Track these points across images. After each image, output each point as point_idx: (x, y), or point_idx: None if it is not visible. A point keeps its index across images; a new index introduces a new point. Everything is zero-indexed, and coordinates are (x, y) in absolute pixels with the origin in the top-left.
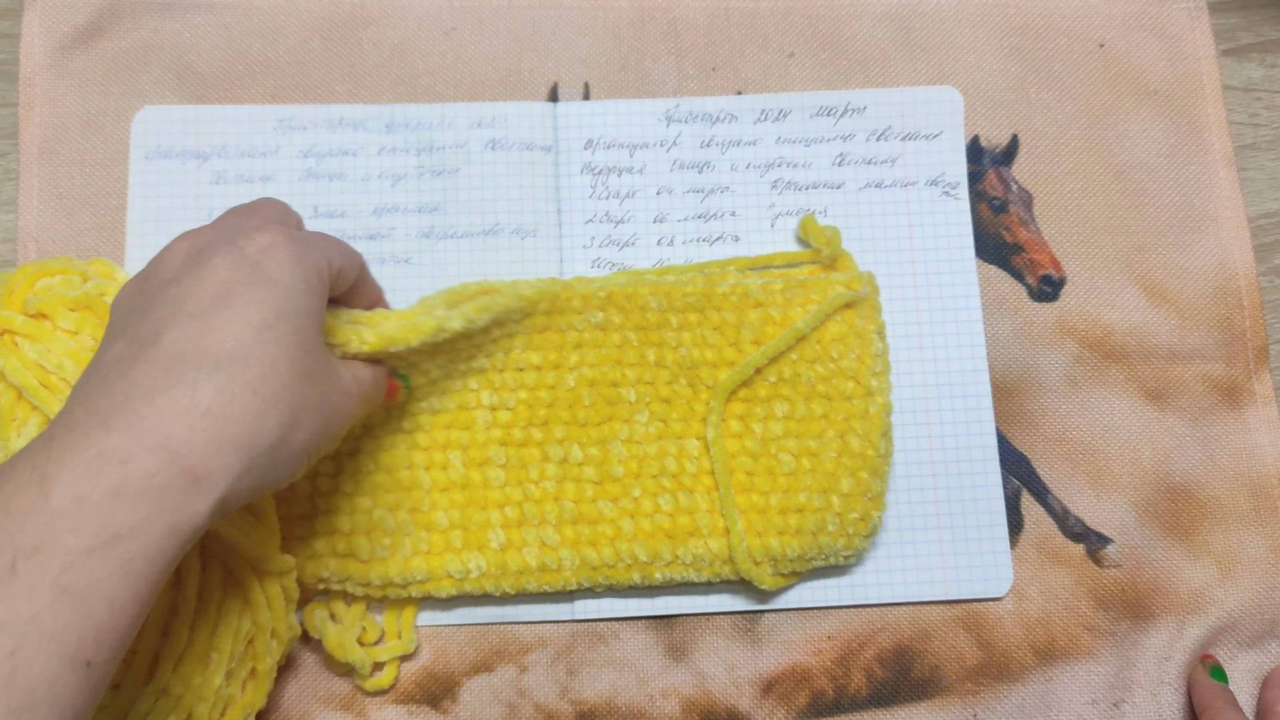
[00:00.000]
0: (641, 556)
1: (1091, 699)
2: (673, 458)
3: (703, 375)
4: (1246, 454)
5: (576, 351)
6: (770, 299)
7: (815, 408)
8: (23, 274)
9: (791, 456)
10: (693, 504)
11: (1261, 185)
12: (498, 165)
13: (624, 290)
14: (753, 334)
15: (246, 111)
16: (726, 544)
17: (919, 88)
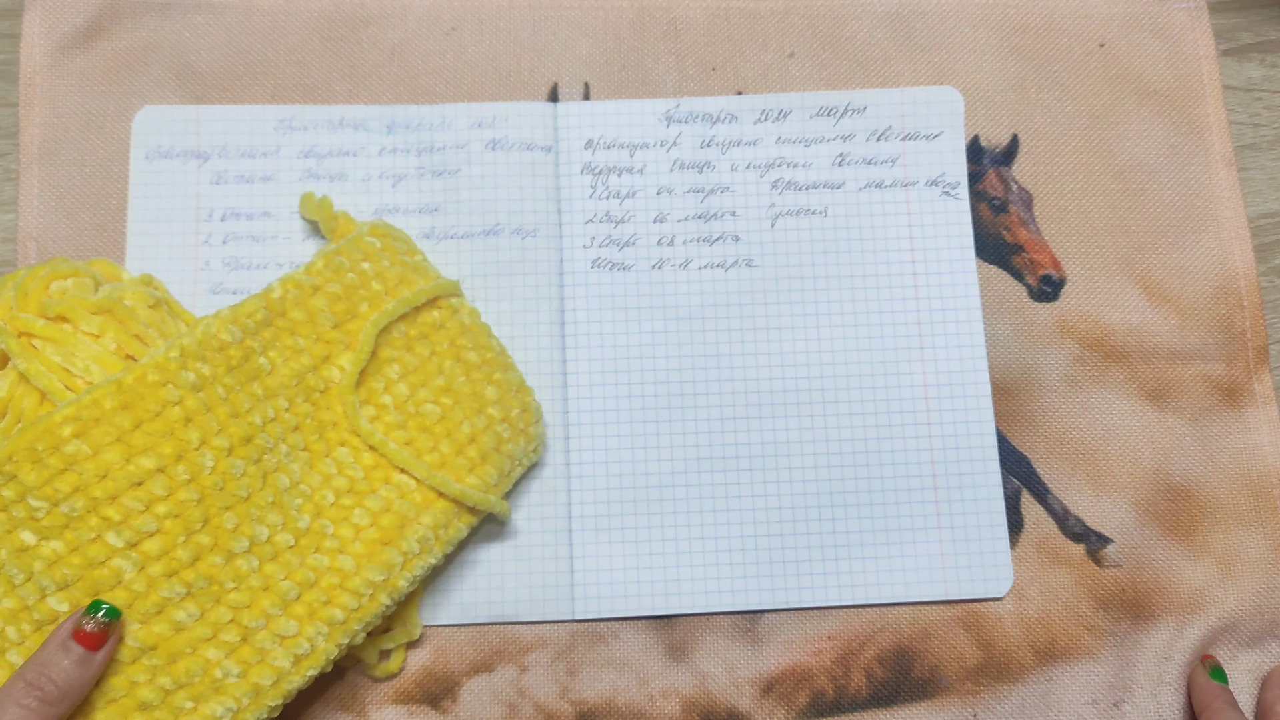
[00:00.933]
0: (378, 577)
1: (1091, 699)
2: (337, 475)
3: (309, 382)
4: (1246, 454)
5: (189, 429)
6: (322, 278)
7: (419, 350)
8: (34, 276)
9: (431, 404)
10: (384, 502)
11: (1261, 185)
12: (498, 166)
13: (189, 341)
14: (329, 320)
15: (247, 112)
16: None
17: (919, 88)
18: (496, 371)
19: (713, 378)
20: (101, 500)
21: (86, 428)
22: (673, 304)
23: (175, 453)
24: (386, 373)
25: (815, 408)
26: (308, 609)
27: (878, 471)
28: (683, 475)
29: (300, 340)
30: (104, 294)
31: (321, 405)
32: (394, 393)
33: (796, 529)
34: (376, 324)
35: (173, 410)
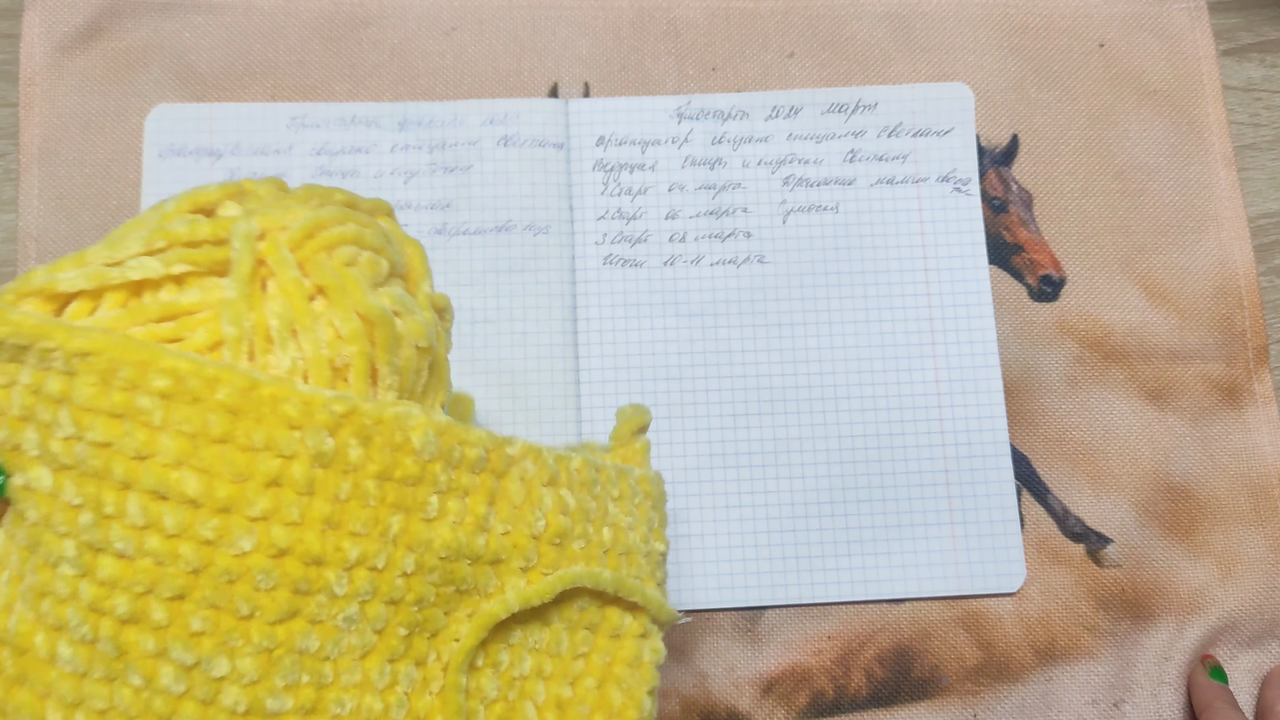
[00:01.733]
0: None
1: (1091, 699)
2: (377, 696)
3: (458, 573)
4: (1246, 454)
5: (270, 493)
6: (566, 478)
7: (577, 640)
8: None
9: (535, 707)
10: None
11: (1261, 185)
12: (510, 162)
13: (377, 412)
14: (538, 525)
15: (259, 109)
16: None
17: (930, 84)
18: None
19: (724, 374)
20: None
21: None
22: (684, 300)
23: (225, 499)
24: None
25: (827, 403)
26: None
27: (890, 467)
28: (695, 471)
29: (494, 516)
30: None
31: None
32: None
33: (809, 524)
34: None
35: (269, 464)
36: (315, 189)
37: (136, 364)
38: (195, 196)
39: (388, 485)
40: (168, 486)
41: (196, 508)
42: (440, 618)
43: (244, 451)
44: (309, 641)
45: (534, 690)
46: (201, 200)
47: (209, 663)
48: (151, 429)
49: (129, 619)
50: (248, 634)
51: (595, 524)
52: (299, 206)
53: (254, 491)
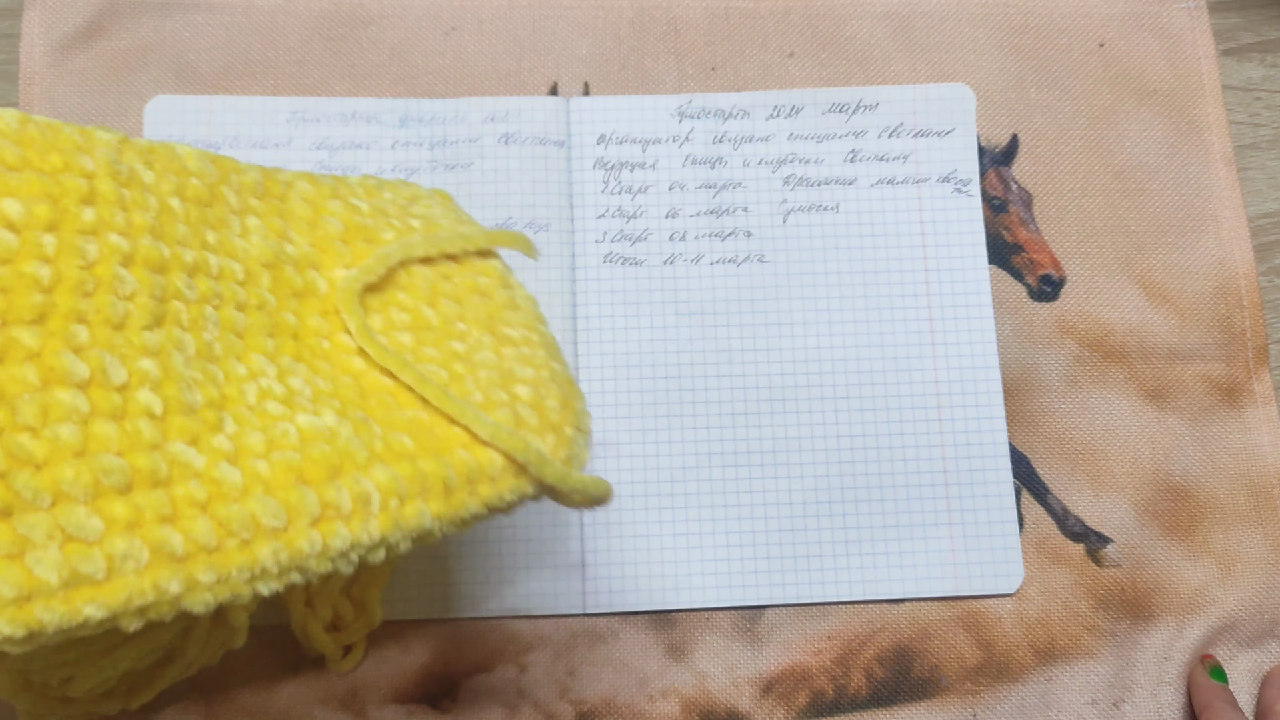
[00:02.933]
0: (269, 520)
1: (1091, 699)
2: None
3: (286, 277)
4: (1246, 454)
5: (89, 207)
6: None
7: (446, 311)
8: None
9: (437, 366)
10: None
11: (1261, 185)
12: (510, 160)
13: (146, 143)
14: (337, 228)
15: (259, 103)
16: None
17: (931, 85)
18: (542, 350)
19: (724, 373)
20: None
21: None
22: (684, 299)
23: (48, 216)
24: (392, 316)
25: (826, 403)
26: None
27: (889, 467)
28: (694, 470)
29: (291, 230)
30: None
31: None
32: (392, 338)
33: (808, 524)
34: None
35: (75, 181)
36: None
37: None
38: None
39: (188, 204)
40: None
41: (27, 230)
42: (290, 320)
43: (49, 175)
44: (186, 341)
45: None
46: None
47: (104, 372)
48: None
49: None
50: (129, 341)
51: (400, 218)
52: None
53: (74, 206)
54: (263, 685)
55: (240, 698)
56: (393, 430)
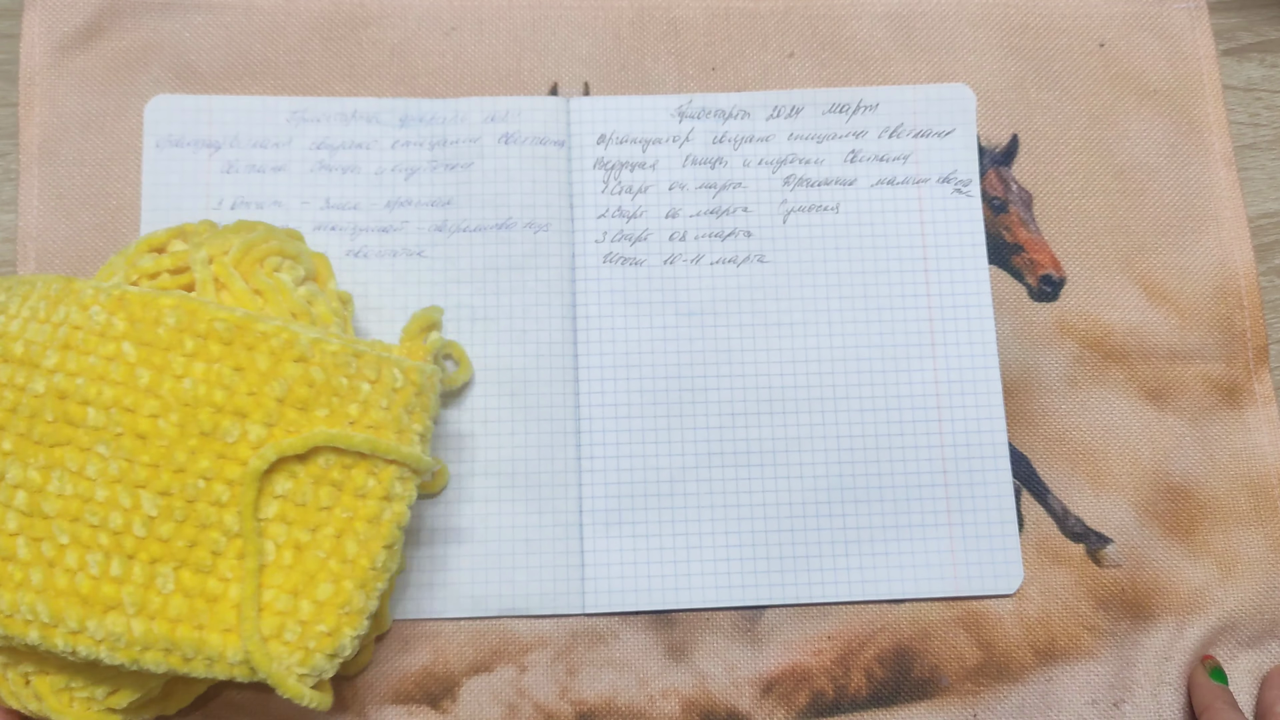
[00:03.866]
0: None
1: (1091, 699)
2: (121, 511)
3: (201, 418)
4: (1246, 454)
5: (59, 353)
6: (318, 358)
7: (321, 494)
8: (266, 241)
9: (275, 546)
10: (125, 572)
11: (1261, 185)
12: (510, 159)
13: (142, 296)
14: (281, 390)
15: (259, 102)
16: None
17: (931, 85)
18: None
19: (724, 373)
20: None
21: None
22: (684, 299)
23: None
24: (275, 481)
25: (826, 403)
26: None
27: (888, 468)
28: (694, 470)
29: (239, 377)
30: (304, 293)
31: (184, 445)
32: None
33: (807, 524)
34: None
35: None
36: (243, 223)
37: (21, 282)
38: (149, 240)
39: (142, 349)
40: (7, 353)
41: (19, 365)
42: (185, 456)
43: (53, 325)
44: (74, 462)
45: (276, 532)
46: (154, 241)
47: (9, 472)
48: (9, 316)
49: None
50: (36, 454)
51: (343, 399)
52: (233, 235)
53: (52, 351)
54: (262, 685)
55: (239, 698)
56: (182, 590)
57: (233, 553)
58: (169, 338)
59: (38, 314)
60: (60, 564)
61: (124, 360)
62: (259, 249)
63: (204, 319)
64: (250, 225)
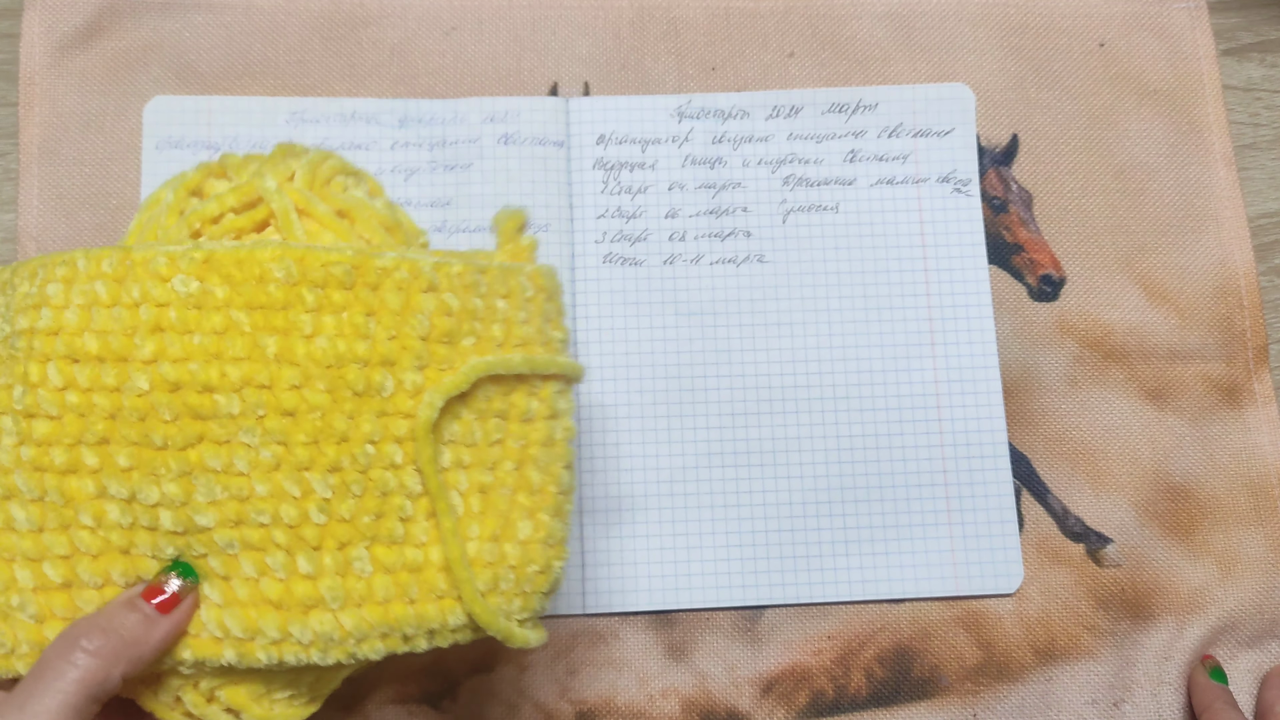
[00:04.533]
0: (235, 632)
1: (1091, 699)
2: (290, 502)
3: (349, 377)
4: (1246, 454)
5: (153, 338)
6: (446, 283)
7: (490, 428)
8: (324, 162)
9: (459, 495)
10: (316, 565)
11: (1261, 185)
12: (510, 160)
13: (233, 254)
14: (423, 327)
15: (259, 103)
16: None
17: (930, 85)
18: (545, 512)
19: (724, 373)
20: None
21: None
22: (684, 299)
23: (120, 349)
24: (445, 426)
25: (826, 403)
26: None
27: (888, 467)
28: (694, 470)
29: (374, 322)
30: (384, 204)
31: (341, 410)
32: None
33: (807, 524)
34: (484, 368)
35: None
36: (283, 146)
37: (47, 264)
38: (186, 183)
39: (257, 313)
40: (75, 350)
41: (100, 362)
42: (345, 422)
43: (128, 308)
44: (216, 460)
45: (456, 480)
46: (191, 184)
47: (141, 493)
48: (57, 308)
49: (68, 469)
50: (166, 462)
51: (484, 321)
52: (285, 160)
53: (141, 338)
54: None
55: None
56: (382, 568)
57: (421, 514)
58: (283, 294)
59: (98, 299)
60: (237, 574)
61: (240, 331)
62: (324, 168)
63: (315, 265)
64: (290, 148)
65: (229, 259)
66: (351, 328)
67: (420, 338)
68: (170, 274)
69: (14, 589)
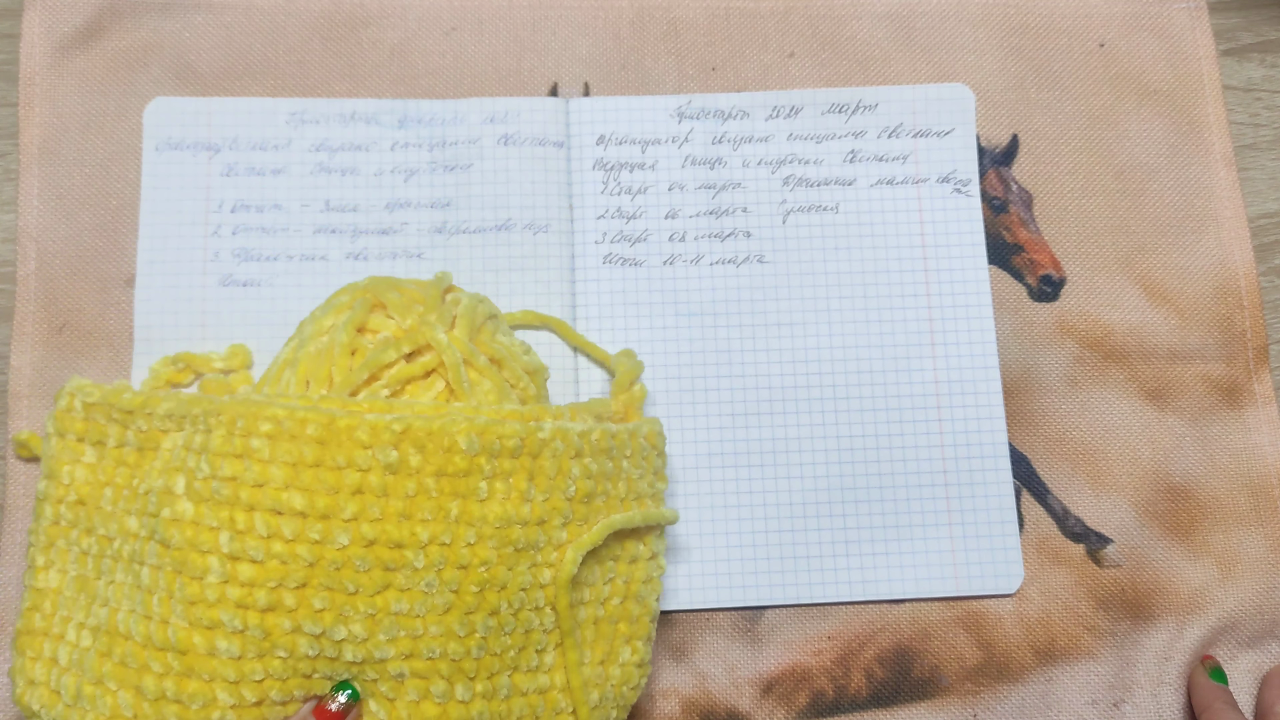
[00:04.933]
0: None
1: (1091, 699)
2: (456, 640)
3: (513, 536)
4: (1246, 454)
5: (355, 499)
6: (589, 451)
7: (605, 570)
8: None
9: (580, 631)
10: (470, 691)
11: (1261, 185)
12: (510, 161)
13: (426, 425)
14: (572, 491)
15: (259, 104)
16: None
17: (930, 85)
18: (639, 639)
19: (724, 373)
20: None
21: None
22: (684, 300)
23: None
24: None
25: (826, 404)
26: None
27: (889, 468)
28: (695, 471)
29: (533, 486)
30: (520, 346)
31: (501, 563)
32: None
33: (807, 525)
34: (615, 525)
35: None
36: (435, 284)
37: (249, 415)
38: (353, 320)
39: (444, 480)
40: (281, 504)
41: (304, 517)
42: (505, 573)
43: (332, 471)
44: (400, 605)
45: (577, 614)
46: (358, 321)
47: (331, 631)
48: (263, 462)
49: (268, 608)
50: (355, 605)
51: (613, 480)
52: (441, 304)
53: (344, 499)
54: None
55: None
56: (519, 692)
57: (551, 645)
58: (466, 464)
59: (304, 459)
60: (402, 698)
61: (429, 495)
62: (477, 314)
63: (493, 438)
64: (445, 284)
65: (423, 431)
66: (518, 493)
67: (567, 499)
68: (372, 443)
69: (215, 706)
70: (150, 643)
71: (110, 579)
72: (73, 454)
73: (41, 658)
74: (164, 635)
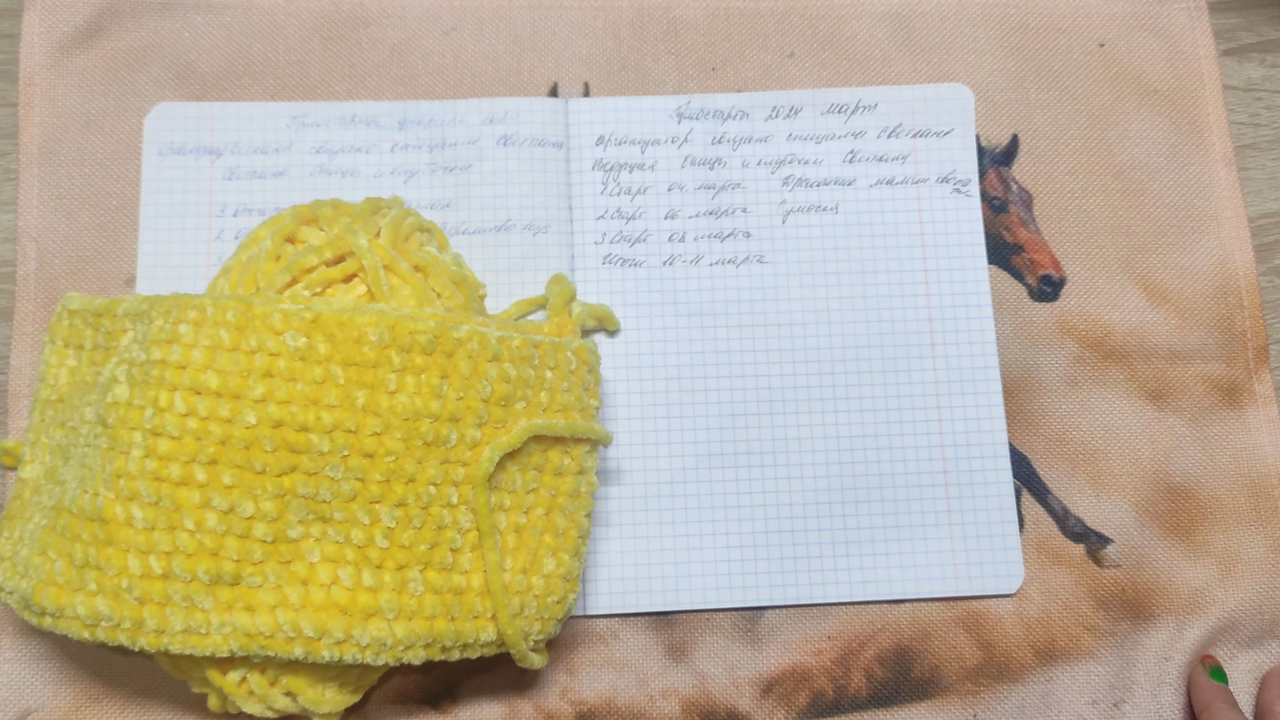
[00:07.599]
0: (307, 631)
1: (1091, 699)
2: (361, 527)
3: (421, 430)
4: (1246, 454)
5: (264, 382)
6: (507, 355)
7: (527, 478)
8: (405, 219)
9: (499, 533)
10: (377, 581)
11: (1261, 185)
12: (509, 161)
13: (337, 316)
14: (487, 391)
15: (259, 109)
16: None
17: (930, 85)
18: (565, 552)
19: (724, 374)
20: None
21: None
22: (684, 300)
23: (236, 387)
24: (496, 476)
25: (826, 404)
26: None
27: (889, 468)
28: (694, 471)
29: (446, 384)
30: (451, 259)
31: (410, 456)
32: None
33: (807, 525)
34: (534, 429)
35: (260, 361)
36: (369, 201)
37: (181, 305)
38: (283, 230)
39: (351, 369)
40: (198, 384)
41: (218, 397)
42: (413, 466)
43: (245, 354)
44: (307, 488)
45: (497, 520)
46: (287, 231)
47: (239, 506)
48: (187, 346)
49: (180, 481)
50: (263, 485)
51: (534, 388)
52: (370, 215)
53: (254, 381)
54: None
55: None
56: (432, 589)
57: (468, 546)
58: (374, 355)
59: (221, 343)
60: (314, 581)
61: (335, 383)
62: (404, 225)
63: (404, 332)
64: (376, 202)
65: (333, 320)
66: (428, 388)
67: (483, 400)
68: (283, 329)
69: (125, 574)
70: (83, 514)
71: (68, 463)
72: (59, 359)
73: (10, 538)
74: (94, 506)
